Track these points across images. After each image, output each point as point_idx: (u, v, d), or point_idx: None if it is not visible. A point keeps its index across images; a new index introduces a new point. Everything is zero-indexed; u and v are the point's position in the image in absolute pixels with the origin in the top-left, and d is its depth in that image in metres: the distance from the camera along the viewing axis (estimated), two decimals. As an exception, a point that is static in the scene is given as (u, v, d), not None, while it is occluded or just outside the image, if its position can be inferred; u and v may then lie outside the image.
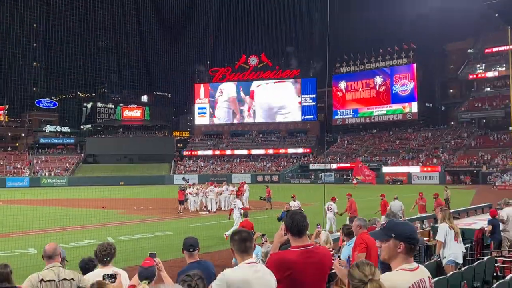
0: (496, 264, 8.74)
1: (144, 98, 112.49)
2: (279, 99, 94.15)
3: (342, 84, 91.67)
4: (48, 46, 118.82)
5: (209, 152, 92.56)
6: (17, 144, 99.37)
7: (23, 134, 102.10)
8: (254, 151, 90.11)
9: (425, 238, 12.39)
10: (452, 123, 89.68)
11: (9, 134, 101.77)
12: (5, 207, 32.57)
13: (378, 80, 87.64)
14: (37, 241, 16.17)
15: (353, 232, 7.35)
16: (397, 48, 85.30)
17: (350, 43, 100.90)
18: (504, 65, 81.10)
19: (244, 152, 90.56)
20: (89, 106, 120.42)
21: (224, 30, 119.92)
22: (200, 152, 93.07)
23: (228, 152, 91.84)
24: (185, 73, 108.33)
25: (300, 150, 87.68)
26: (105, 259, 5.19)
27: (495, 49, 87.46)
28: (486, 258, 8.39)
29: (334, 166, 77.65)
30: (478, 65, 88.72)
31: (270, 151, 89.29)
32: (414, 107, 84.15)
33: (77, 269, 5.56)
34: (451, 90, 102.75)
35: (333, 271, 4.02)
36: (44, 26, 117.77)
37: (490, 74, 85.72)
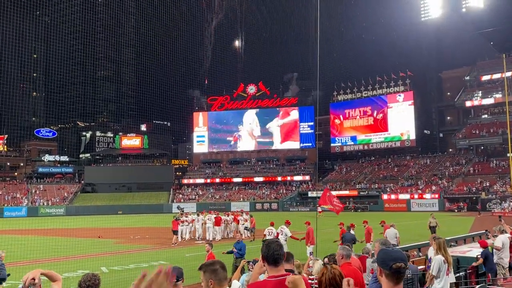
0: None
1: (143, 126, 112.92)
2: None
3: (340, 112, 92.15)
4: (48, 76, 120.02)
5: (208, 180, 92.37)
6: (16, 173, 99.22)
7: (21, 164, 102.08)
8: (253, 179, 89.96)
9: (420, 267, 12.31)
10: (450, 150, 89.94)
11: (8, 163, 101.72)
12: (1, 237, 32.32)
13: (376, 107, 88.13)
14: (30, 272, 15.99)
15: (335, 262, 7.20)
16: (394, 76, 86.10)
17: (348, 72, 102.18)
18: (500, 91, 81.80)
19: (242, 179, 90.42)
20: (88, 135, 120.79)
21: (222, 59, 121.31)
22: (198, 180, 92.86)
23: (227, 180, 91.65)
24: (184, 101, 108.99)
25: (299, 178, 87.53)
26: (88, 291, 5.15)
27: (491, 77, 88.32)
28: (477, 286, 8.33)
29: (333, 193, 77.20)
30: (475, 92, 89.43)
31: (269, 179, 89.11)
32: (412, 134, 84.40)
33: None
34: (448, 117, 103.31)
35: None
36: (44, 56, 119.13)
37: (486, 101, 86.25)
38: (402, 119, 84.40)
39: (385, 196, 71.84)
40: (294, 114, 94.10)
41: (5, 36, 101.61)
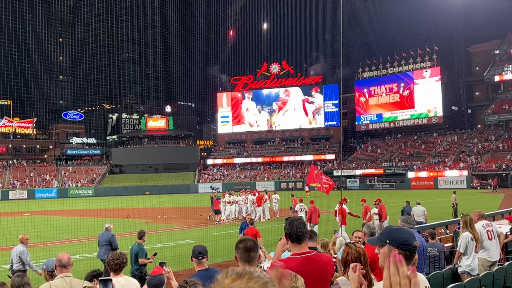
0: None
1: (168, 108, 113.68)
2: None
3: (365, 89, 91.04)
4: (74, 60, 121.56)
5: (233, 160, 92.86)
6: (46, 156, 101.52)
7: (50, 146, 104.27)
8: (278, 158, 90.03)
9: (446, 244, 12.20)
10: (479, 126, 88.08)
11: (38, 146, 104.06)
12: (33, 218, 33.24)
13: (402, 84, 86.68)
14: (62, 251, 16.44)
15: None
16: (420, 51, 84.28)
17: (373, 48, 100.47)
18: (531, 65, 79.38)
19: (267, 159, 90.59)
20: (114, 117, 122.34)
21: (246, 38, 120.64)
22: (223, 161, 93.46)
23: (252, 160, 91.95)
24: (208, 82, 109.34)
25: (324, 157, 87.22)
26: (116, 268, 5.28)
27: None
28: (506, 263, 8.20)
29: (358, 172, 76.97)
30: (505, 67, 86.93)
31: (294, 158, 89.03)
32: (439, 110, 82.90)
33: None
34: (476, 93, 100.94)
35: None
36: (70, 40, 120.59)
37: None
38: (429, 96, 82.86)
39: (411, 174, 71.10)
40: (318, 92, 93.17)
41: (31, 21, 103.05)
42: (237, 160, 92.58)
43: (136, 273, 11.10)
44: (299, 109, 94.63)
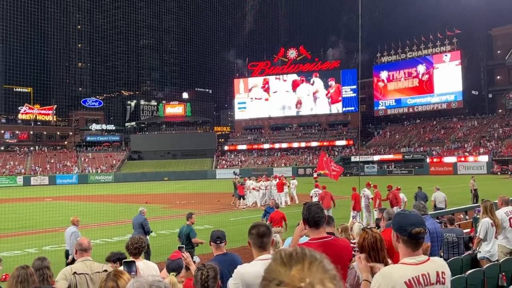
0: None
1: (186, 94, 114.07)
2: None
3: (384, 74, 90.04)
4: (92, 47, 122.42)
5: (250, 146, 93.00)
6: (66, 142, 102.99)
7: (70, 133, 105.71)
8: (295, 145, 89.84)
9: (465, 230, 12.11)
10: (500, 110, 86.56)
11: (58, 133, 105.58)
12: (55, 203, 33.83)
13: (421, 68, 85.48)
14: (83, 236, 16.76)
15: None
16: (440, 35, 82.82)
17: (391, 32, 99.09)
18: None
19: (284, 145, 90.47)
20: (132, 104, 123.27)
21: (262, 24, 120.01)
22: (241, 147, 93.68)
23: (269, 146, 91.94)
24: (225, 68, 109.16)
25: (342, 142, 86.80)
26: (136, 252, 5.37)
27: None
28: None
29: (376, 158, 76.48)
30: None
31: (311, 144, 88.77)
32: (459, 95, 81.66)
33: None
34: (498, 77, 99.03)
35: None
36: (88, 27, 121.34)
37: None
38: (448, 80, 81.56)
39: (430, 160, 70.41)
40: (337, 76, 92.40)
41: (50, 8, 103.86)
42: (254, 146, 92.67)
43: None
44: (316, 95, 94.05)
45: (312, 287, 1.21)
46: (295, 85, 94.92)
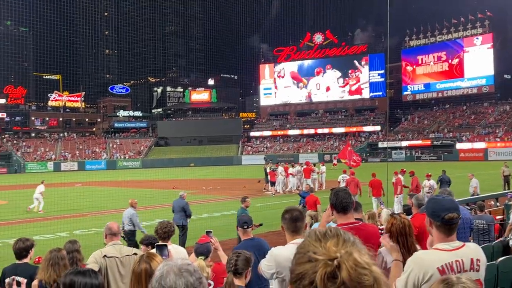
0: None
1: (211, 80, 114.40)
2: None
3: (412, 58, 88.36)
4: (119, 33, 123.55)
5: (276, 133, 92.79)
6: (94, 129, 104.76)
7: (99, 120, 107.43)
8: (321, 130, 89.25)
9: (497, 217, 11.89)
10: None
11: (87, 119, 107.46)
12: (84, 188, 34.57)
13: (451, 52, 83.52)
14: (112, 221, 17.10)
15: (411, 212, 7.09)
16: (472, 17, 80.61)
17: (421, 15, 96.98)
18: None
19: (310, 131, 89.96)
20: (159, 90, 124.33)
21: (289, 9, 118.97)
22: (266, 133, 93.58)
23: (295, 132, 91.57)
24: (250, 54, 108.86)
25: (369, 128, 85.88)
26: (165, 236, 5.44)
27: None
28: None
29: (405, 143, 75.45)
30: None
31: (338, 130, 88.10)
32: (490, 79, 79.60)
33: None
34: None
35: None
36: (115, 14, 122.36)
37: None
38: (479, 64, 79.47)
39: (460, 145, 69.08)
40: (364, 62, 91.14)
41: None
42: (280, 132, 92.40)
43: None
44: (342, 80, 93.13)
45: (349, 255, 1.20)
46: (321, 70, 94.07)
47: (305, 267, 1.22)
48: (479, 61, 79.57)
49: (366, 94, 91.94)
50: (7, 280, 3.90)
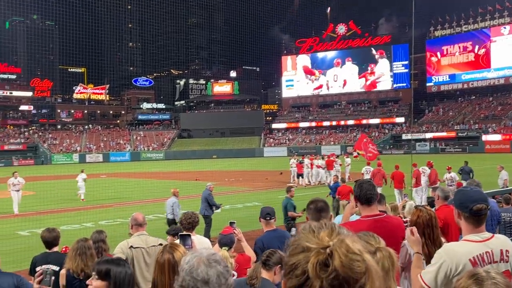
0: None
1: (233, 72, 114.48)
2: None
3: (437, 49, 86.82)
4: (142, 27, 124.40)
5: (298, 124, 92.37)
6: (118, 121, 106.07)
7: (123, 112, 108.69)
8: (344, 122, 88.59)
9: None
10: None
11: (111, 112, 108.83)
12: (109, 180, 35.10)
13: (477, 42, 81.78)
14: (137, 211, 17.35)
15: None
16: (499, 6, 78.69)
17: (446, 4, 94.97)
18: None
19: (333, 123, 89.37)
20: (182, 82, 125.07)
21: None
22: (288, 125, 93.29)
23: (317, 123, 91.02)
24: (272, 45, 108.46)
25: (392, 120, 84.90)
26: (189, 227, 5.52)
27: None
28: None
29: (429, 135, 74.41)
30: None
31: (361, 122, 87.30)
32: (518, 70, 77.74)
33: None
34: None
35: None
36: (138, 7, 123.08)
37: None
38: (507, 54, 77.61)
39: (486, 137, 67.79)
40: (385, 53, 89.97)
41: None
42: (302, 124, 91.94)
43: (284, 224, 12.09)
44: (365, 72, 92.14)
45: (342, 242, 1.19)
46: (343, 61, 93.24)
47: (298, 258, 1.21)
48: (506, 51, 77.75)
49: (388, 85, 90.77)
50: (39, 269, 4.00)
